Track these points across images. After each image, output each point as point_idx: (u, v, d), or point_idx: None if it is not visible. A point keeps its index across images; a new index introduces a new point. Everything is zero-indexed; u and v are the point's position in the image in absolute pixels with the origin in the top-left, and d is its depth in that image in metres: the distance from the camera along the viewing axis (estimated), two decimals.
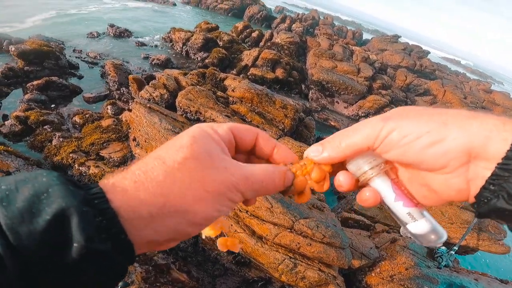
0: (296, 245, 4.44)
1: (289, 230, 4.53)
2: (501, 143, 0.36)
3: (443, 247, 5.93)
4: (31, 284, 0.32)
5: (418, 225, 0.42)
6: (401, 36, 32.81)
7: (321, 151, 0.49)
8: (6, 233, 0.31)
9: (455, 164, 0.39)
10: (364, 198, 0.47)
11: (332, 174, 0.51)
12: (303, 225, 4.54)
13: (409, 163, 0.44)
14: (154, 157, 0.43)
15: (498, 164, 0.36)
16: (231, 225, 4.68)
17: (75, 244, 0.32)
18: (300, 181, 0.49)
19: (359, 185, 0.48)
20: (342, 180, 0.48)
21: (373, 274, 5.14)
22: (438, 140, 0.39)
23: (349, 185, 0.48)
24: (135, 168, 0.41)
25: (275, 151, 0.53)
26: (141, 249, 0.40)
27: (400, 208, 0.43)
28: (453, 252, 5.84)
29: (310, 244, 4.44)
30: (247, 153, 0.56)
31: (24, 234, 0.31)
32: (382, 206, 0.47)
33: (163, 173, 0.40)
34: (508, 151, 0.35)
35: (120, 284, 3.19)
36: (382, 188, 0.44)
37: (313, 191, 0.51)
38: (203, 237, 0.58)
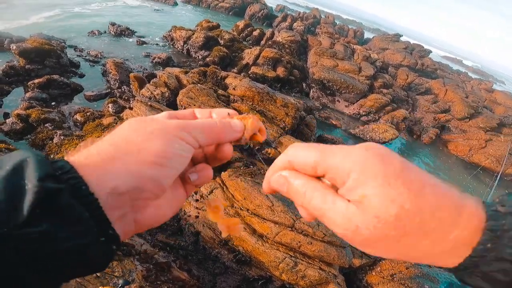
0: (297, 244, 4.45)
1: (290, 229, 4.54)
2: None
3: None
4: None
5: None
6: (402, 35, 32.75)
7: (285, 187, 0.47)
8: None
9: None
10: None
11: None
12: (304, 223, 4.54)
13: None
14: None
15: None
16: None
17: (28, 186, 0.33)
18: (253, 122, 0.57)
19: None
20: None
21: (373, 273, 5.14)
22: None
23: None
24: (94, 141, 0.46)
25: (213, 115, 0.58)
26: (106, 202, 0.38)
27: None
28: None
29: (311, 243, 4.44)
30: None
31: None
32: None
33: (111, 134, 0.45)
34: None
35: (121, 282, 3.20)
36: None
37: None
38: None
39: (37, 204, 0.32)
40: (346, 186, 0.39)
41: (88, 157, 0.41)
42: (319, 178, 0.43)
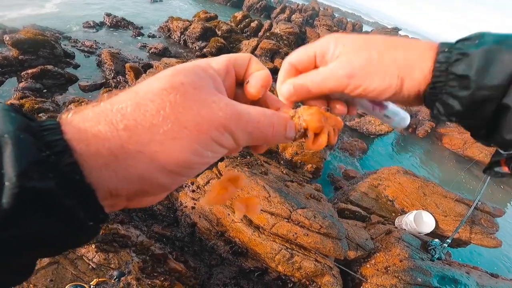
0: (293, 235, 4.47)
1: (287, 220, 4.55)
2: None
3: (437, 240, 6.01)
4: None
5: (391, 121, 0.57)
6: (401, 29, 32.63)
7: (292, 92, 0.53)
8: None
9: (418, 98, 0.49)
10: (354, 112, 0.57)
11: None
12: (300, 215, 4.56)
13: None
14: (130, 89, 0.36)
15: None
16: (228, 214, 4.70)
17: (6, 183, 0.25)
18: (318, 122, 0.45)
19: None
20: (342, 108, 0.54)
21: (368, 266, 5.20)
22: (398, 91, 0.48)
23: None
24: (104, 101, 0.34)
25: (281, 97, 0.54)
26: (104, 203, 0.32)
27: (379, 113, 0.56)
28: (446, 245, 5.92)
29: (307, 235, 4.47)
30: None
31: None
32: (378, 198, 0.56)
33: (133, 104, 0.33)
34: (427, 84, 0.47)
35: (116, 274, 3.20)
36: (361, 104, 0.56)
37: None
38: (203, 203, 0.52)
39: (17, 206, 0.25)
40: (329, 56, 0.50)
41: (91, 140, 0.30)
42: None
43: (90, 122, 0.31)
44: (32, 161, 0.26)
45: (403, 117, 0.56)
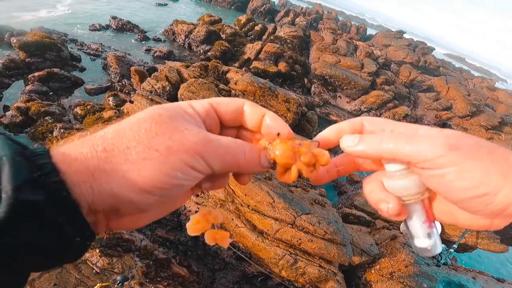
0: (297, 241, 4.44)
1: (291, 226, 4.53)
2: None
3: (443, 245, 5.94)
4: None
5: (426, 242, 0.47)
6: (406, 32, 32.48)
7: (356, 143, 0.45)
8: None
9: (492, 213, 0.40)
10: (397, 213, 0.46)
11: (341, 173, 0.52)
12: (304, 220, 4.53)
13: (447, 199, 0.42)
14: (116, 121, 0.40)
15: None
16: (232, 219, 4.68)
17: (3, 195, 0.29)
18: (285, 158, 0.44)
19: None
20: (392, 207, 0.45)
21: (372, 271, 5.15)
22: (491, 192, 0.38)
23: (398, 210, 0.45)
24: (92, 131, 0.39)
25: (264, 120, 0.49)
26: (87, 219, 0.35)
27: (424, 228, 0.47)
28: (452, 250, 5.84)
29: (312, 240, 4.43)
30: (236, 128, 0.51)
31: None
32: None
33: (113, 132, 0.37)
34: None
35: (119, 278, 3.19)
36: (417, 210, 0.46)
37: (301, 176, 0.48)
38: (189, 233, 0.53)
39: (11, 216, 0.29)
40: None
41: (73, 160, 0.35)
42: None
43: (75, 147, 0.36)
44: (25, 179, 0.31)
45: (439, 243, 0.48)
